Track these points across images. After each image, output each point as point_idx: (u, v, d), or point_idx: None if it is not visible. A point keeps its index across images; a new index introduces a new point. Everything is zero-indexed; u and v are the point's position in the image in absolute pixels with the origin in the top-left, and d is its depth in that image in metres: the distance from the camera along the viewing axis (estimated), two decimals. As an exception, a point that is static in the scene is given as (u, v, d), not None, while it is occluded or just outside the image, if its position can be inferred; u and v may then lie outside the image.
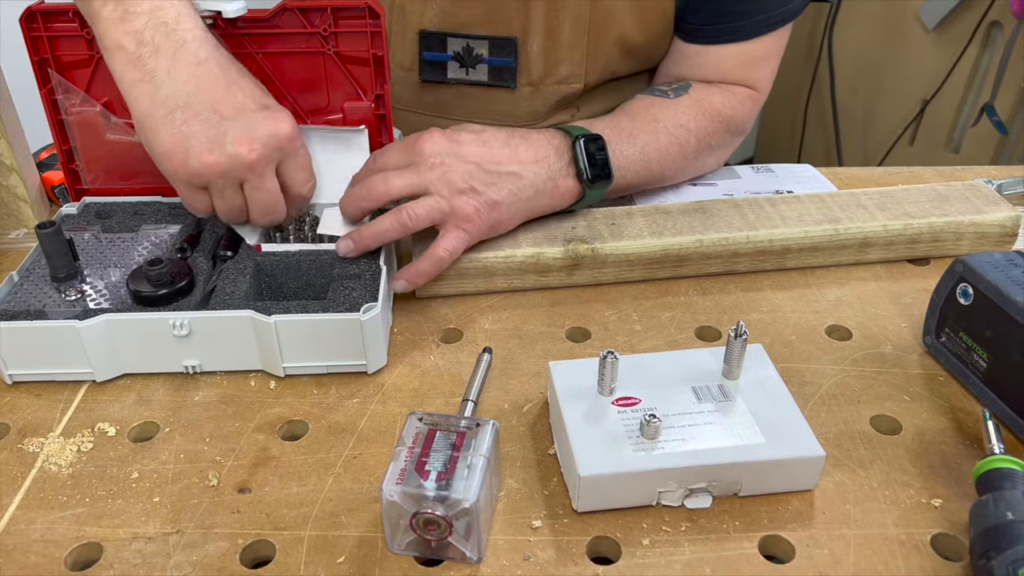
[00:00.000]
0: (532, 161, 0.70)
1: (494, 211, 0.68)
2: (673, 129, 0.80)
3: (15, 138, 0.76)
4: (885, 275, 0.75)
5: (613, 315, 0.70)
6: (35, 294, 0.64)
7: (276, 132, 0.61)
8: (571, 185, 0.72)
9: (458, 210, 0.66)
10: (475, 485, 0.47)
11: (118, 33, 0.59)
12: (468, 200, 0.67)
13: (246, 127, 0.60)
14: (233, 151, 0.59)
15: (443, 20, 0.84)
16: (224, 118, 0.60)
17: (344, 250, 0.66)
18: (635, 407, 0.54)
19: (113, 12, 0.59)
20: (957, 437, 0.57)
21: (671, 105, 0.81)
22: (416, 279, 0.68)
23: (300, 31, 0.69)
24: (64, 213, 0.74)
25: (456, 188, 0.66)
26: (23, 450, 0.57)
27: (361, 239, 0.66)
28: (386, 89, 0.71)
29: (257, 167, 0.61)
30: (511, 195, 0.69)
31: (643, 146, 0.77)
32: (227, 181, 0.61)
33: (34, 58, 0.70)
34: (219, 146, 0.59)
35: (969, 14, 1.70)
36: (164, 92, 0.59)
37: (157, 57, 0.59)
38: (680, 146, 0.80)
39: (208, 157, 0.59)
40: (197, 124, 0.59)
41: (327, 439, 0.58)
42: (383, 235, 0.66)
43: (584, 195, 0.73)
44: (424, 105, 0.90)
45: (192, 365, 0.63)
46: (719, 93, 0.83)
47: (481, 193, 0.67)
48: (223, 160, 0.60)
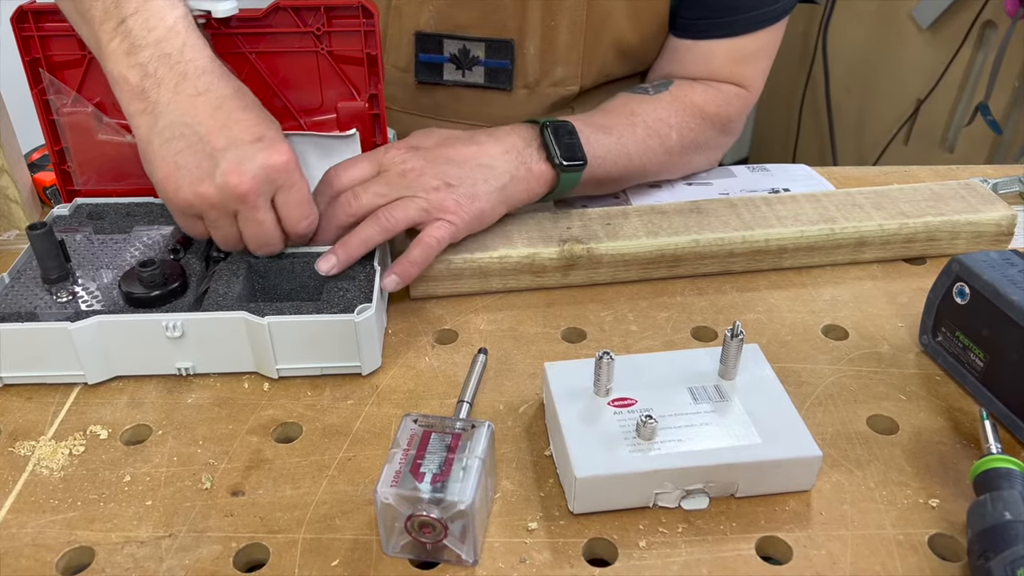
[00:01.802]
0: (501, 153, 0.70)
1: (475, 202, 0.67)
2: (652, 123, 0.79)
3: (6, 139, 0.75)
4: (881, 274, 0.75)
5: (609, 315, 0.70)
6: (26, 296, 0.63)
7: (268, 163, 0.59)
8: (544, 169, 0.71)
9: (437, 204, 0.66)
10: (470, 487, 0.47)
11: (123, 66, 0.59)
12: (445, 195, 0.66)
13: (237, 158, 0.59)
14: (222, 181, 0.58)
15: (439, 22, 0.84)
16: (216, 149, 0.59)
17: (326, 268, 0.64)
18: (631, 408, 0.54)
19: (120, 45, 0.59)
20: (954, 437, 0.57)
21: (650, 101, 0.81)
22: (408, 269, 0.66)
23: (293, 30, 0.68)
24: (56, 214, 0.73)
25: (430, 187, 0.66)
26: (14, 453, 0.57)
27: (344, 250, 0.64)
28: (380, 89, 0.71)
29: (248, 199, 0.59)
30: (486, 184, 0.68)
31: (619, 137, 0.77)
32: (219, 212, 0.60)
33: (25, 58, 0.69)
34: (209, 176, 0.59)
35: (963, 14, 1.70)
36: (162, 122, 0.59)
37: (160, 89, 0.59)
38: (660, 139, 0.79)
39: (199, 187, 0.59)
40: (190, 154, 0.59)
41: (321, 441, 0.58)
42: (366, 241, 0.65)
43: (559, 179, 0.72)
44: (419, 107, 0.90)
45: (185, 367, 0.62)
46: (702, 90, 0.83)
47: (456, 187, 0.67)
48: (212, 191, 0.59)
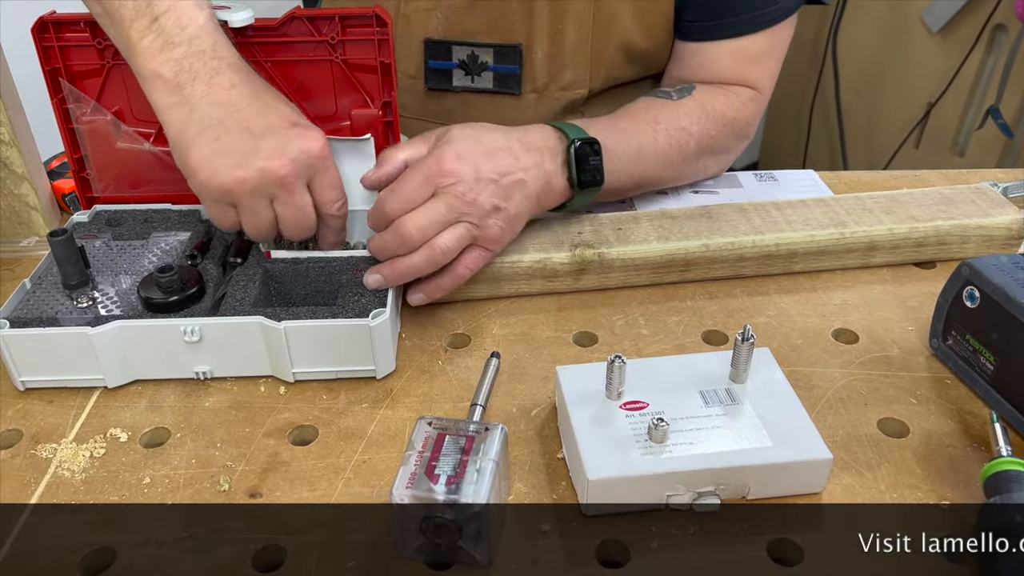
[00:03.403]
0: (533, 165, 0.69)
1: (514, 224, 0.68)
2: (674, 131, 0.80)
3: (26, 147, 0.77)
4: (891, 278, 0.75)
5: (620, 319, 0.70)
6: (47, 301, 0.65)
7: (306, 148, 0.61)
8: (563, 187, 0.71)
9: (486, 232, 0.66)
10: (484, 489, 0.48)
11: (157, 63, 0.60)
12: (495, 221, 0.66)
13: (277, 144, 0.60)
14: (263, 166, 0.60)
15: (448, 29, 0.84)
16: (255, 135, 0.60)
17: (374, 284, 0.65)
18: (643, 411, 0.55)
19: (153, 43, 0.61)
20: (964, 440, 0.58)
21: (673, 107, 0.81)
22: (435, 293, 0.67)
23: (308, 39, 0.69)
24: (75, 221, 0.74)
25: (484, 212, 0.66)
26: (36, 456, 0.58)
27: (393, 275, 0.65)
28: (393, 96, 0.72)
29: (287, 182, 0.61)
30: (521, 205, 0.68)
31: (640, 147, 0.77)
32: (257, 197, 0.61)
33: (46, 68, 0.70)
34: (249, 162, 0.60)
35: (974, 17, 1.70)
36: (197, 114, 0.60)
37: (195, 83, 0.60)
38: (679, 148, 0.80)
39: (238, 172, 0.60)
40: (228, 140, 0.60)
41: (337, 444, 0.58)
42: (414, 271, 0.65)
43: (572, 198, 0.72)
44: (430, 113, 0.91)
45: (203, 371, 0.63)
46: (723, 95, 0.84)
47: (504, 210, 0.67)
48: (253, 175, 0.60)
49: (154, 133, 0.73)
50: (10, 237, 0.80)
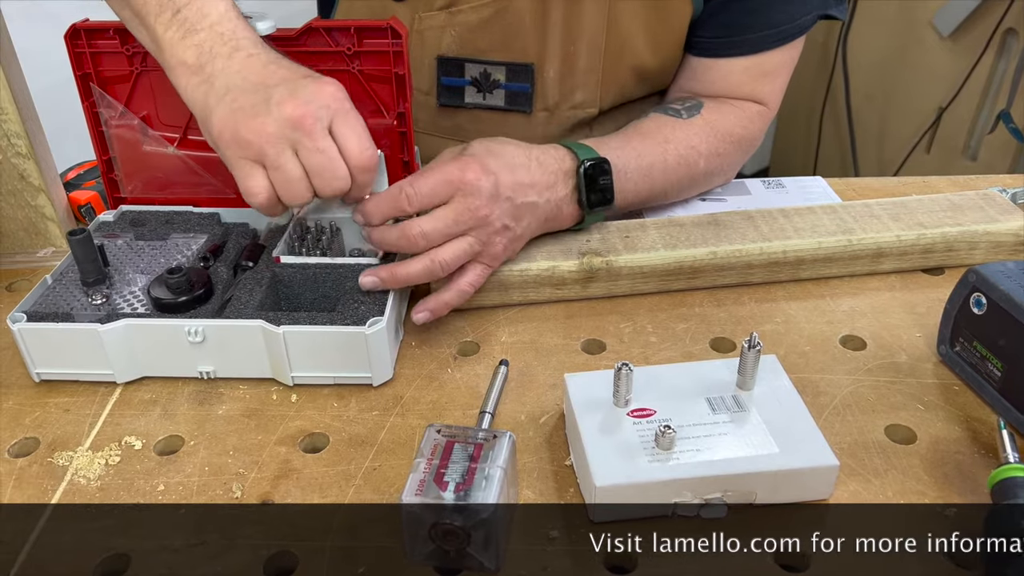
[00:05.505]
0: (546, 187, 0.70)
1: (517, 243, 0.70)
2: (684, 151, 0.80)
3: (43, 159, 0.78)
4: (899, 285, 0.75)
5: (628, 327, 0.71)
6: (65, 297, 0.66)
7: (320, 90, 0.61)
8: (573, 210, 0.73)
9: (490, 249, 0.67)
10: (493, 495, 0.48)
11: (180, 50, 0.62)
12: (500, 240, 0.67)
13: (289, 89, 0.60)
14: (277, 112, 0.59)
15: (461, 46, 0.85)
16: (268, 87, 0.61)
17: (370, 285, 0.66)
18: (650, 418, 0.55)
19: (176, 33, 0.62)
20: (972, 446, 0.58)
21: (683, 125, 0.82)
22: (440, 310, 0.68)
23: (326, 50, 0.70)
24: (101, 220, 0.77)
25: (493, 229, 0.67)
26: (53, 464, 0.59)
27: (391, 279, 0.66)
28: (408, 107, 0.72)
29: (304, 123, 0.59)
30: (529, 226, 0.70)
31: (650, 166, 0.78)
32: (278, 148, 0.60)
33: (77, 73, 0.73)
34: (264, 111, 0.60)
35: (984, 21, 1.70)
36: (218, 84, 0.61)
37: (215, 61, 0.62)
38: (688, 167, 0.81)
39: (253, 122, 0.59)
40: (244, 98, 0.60)
41: (347, 451, 0.59)
42: (411, 279, 0.66)
43: (583, 220, 0.74)
44: (441, 128, 0.91)
45: (207, 371, 0.65)
46: (731, 112, 0.84)
47: (512, 229, 0.68)
48: (269, 122, 0.59)
49: (179, 138, 0.75)
50: (27, 248, 0.82)
